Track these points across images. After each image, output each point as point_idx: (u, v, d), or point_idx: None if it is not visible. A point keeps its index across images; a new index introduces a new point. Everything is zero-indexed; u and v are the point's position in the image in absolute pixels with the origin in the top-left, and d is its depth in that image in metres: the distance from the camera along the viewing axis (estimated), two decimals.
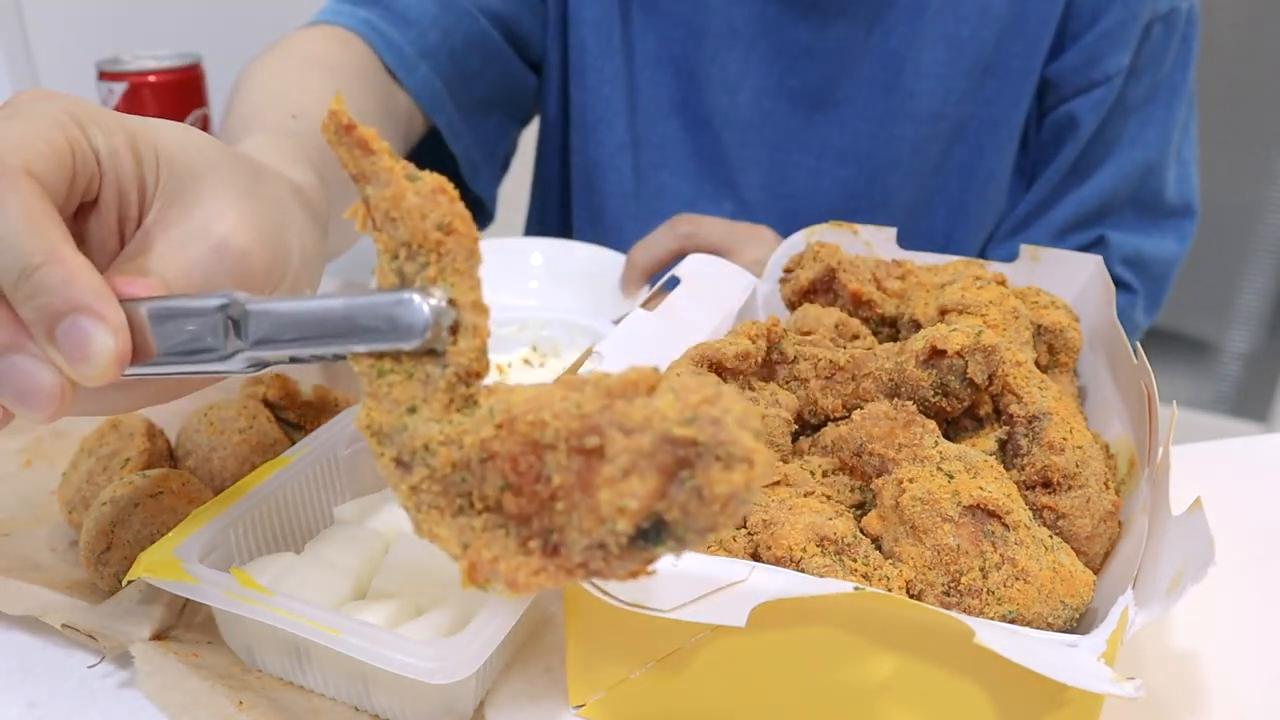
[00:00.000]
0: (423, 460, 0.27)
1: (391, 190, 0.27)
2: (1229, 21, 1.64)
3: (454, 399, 0.27)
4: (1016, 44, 0.77)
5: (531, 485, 0.25)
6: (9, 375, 0.29)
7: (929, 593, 0.37)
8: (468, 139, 0.81)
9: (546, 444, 0.25)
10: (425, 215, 0.27)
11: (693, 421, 0.23)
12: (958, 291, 0.50)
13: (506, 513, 0.26)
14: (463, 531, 0.27)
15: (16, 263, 0.28)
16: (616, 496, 0.23)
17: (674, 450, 0.23)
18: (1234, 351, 1.88)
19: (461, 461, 0.26)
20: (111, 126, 0.33)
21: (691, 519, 0.23)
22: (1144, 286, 0.83)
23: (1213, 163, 1.11)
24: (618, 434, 0.23)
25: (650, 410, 0.23)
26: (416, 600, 0.41)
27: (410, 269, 0.27)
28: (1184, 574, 0.31)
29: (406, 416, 0.27)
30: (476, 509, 0.26)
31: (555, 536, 0.25)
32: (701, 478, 0.23)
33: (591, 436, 0.24)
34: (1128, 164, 0.80)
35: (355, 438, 0.49)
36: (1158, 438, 0.41)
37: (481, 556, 0.26)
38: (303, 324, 0.28)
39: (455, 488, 0.27)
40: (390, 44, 0.72)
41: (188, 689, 0.38)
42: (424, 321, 0.27)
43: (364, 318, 0.27)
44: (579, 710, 0.39)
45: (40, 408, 0.29)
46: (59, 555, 0.48)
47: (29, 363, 0.29)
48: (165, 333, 0.30)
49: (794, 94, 0.81)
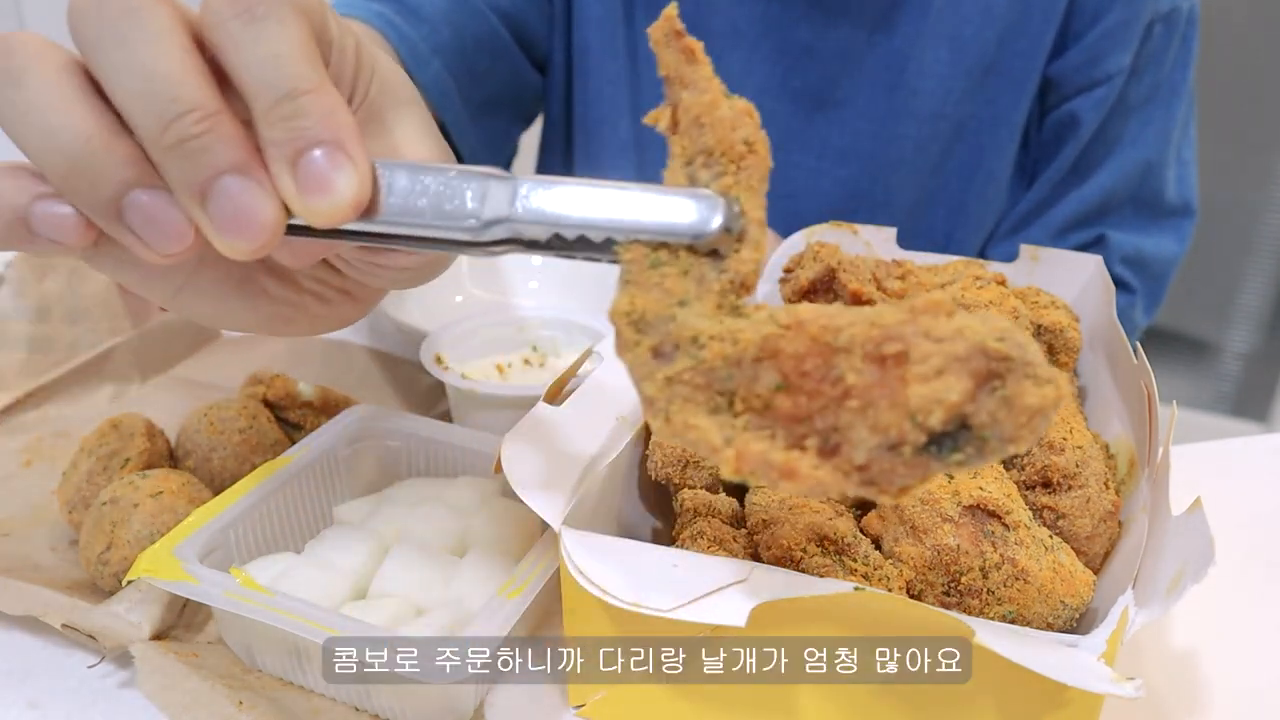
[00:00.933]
0: (688, 351, 0.27)
1: (709, 98, 0.28)
2: (1229, 21, 1.64)
3: (724, 304, 0.28)
4: (1019, 43, 0.77)
5: (817, 384, 0.25)
6: (229, 194, 0.28)
7: (929, 593, 0.37)
8: (473, 137, 0.81)
9: (840, 346, 0.25)
10: (735, 128, 0.28)
11: (1004, 339, 0.24)
12: (957, 291, 0.50)
13: (777, 413, 0.26)
14: (722, 427, 0.27)
15: (286, 83, 0.28)
16: (931, 391, 0.24)
17: (987, 361, 0.24)
18: (1234, 351, 1.87)
19: (734, 357, 0.26)
20: (346, 26, 0.33)
21: (998, 425, 0.24)
22: (1143, 286, 0.83)
23: (1213, 163, 1.11)
24: (925, 341, 0.24)
25: (960, 324, 0.24)
26: (416, 600, 0.41)
27: (705, 175, 0.28)
28: (1184, 574, 0.31)
29: (676, 308, 0.28)
30: (736, 410, 0.26)
31: (836, 437, 0.25)
32: (1013, 388, 0.23)
33: (892, 343, 0.24)
34: (1128, 163, 0.80)
35: (355, 438, 0.49)
36: (1158, 438, 0.41)
37: (750, 449, 0.26)
38: (585, 197, 0.28)
39: (718, 384, 0.27)
40: (404, 38, 0.72)
41: (188, 689, 0.38)
42: (721, 219, 0.27)
43: (658, 203, 0.28)
44: (579, 710, 0.39)
45: (250, 236, 0.28)
46: (59, 555, 0.48)
47: (253, 186, 0.28)
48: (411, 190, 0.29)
49: (796, 94, 0.81)
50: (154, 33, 0.27)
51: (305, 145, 0.28)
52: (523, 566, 0.39)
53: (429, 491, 0.47)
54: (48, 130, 0.28)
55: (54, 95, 0.28)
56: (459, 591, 0.41)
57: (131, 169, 0.28)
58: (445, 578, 0.42)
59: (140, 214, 0.28)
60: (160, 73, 0.27)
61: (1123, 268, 0.82)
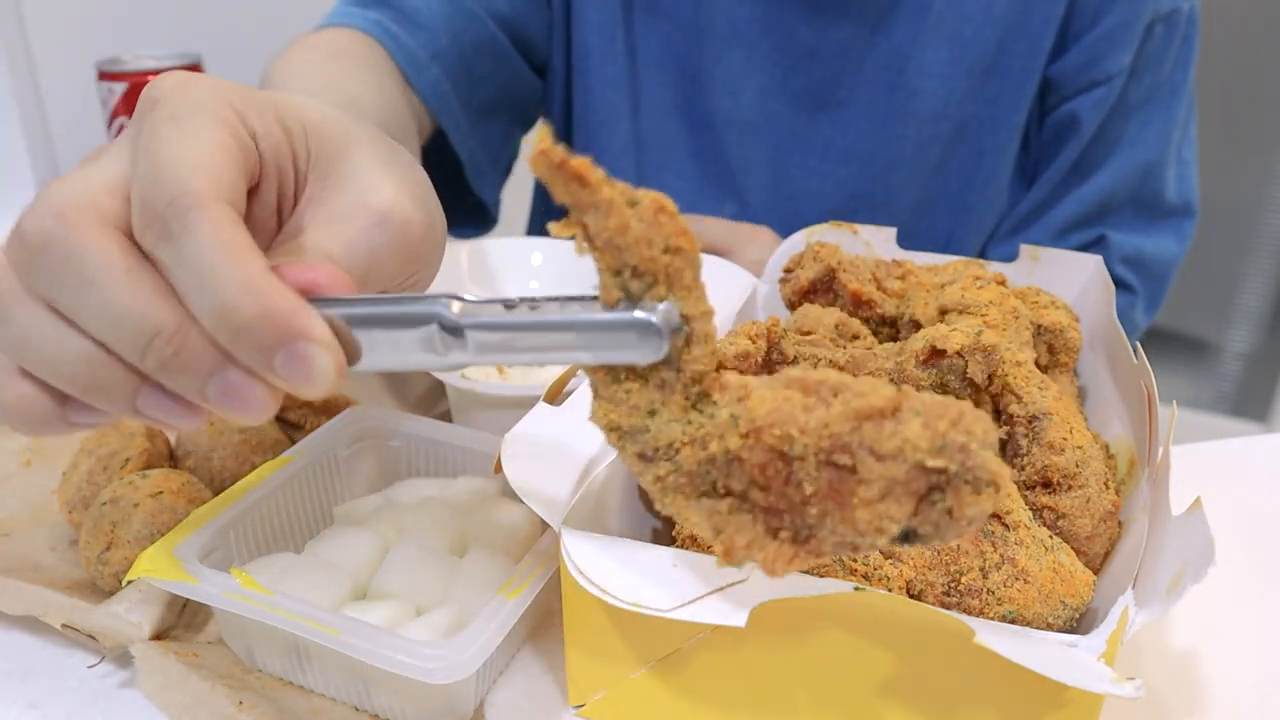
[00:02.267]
0: (666, 456, 0.29)
1: (615, 221, 0.27)
2: (1229, 21, 1.64)
3: (690, 397, 0.29)
4: (1019, 44, 0.77)
5: (781, 488, 0.27)
6: (222, 390, 0.28)
7: (929, 593, 0.37)
8: (473, 142, 0.81)
9: (795, 456, 0.26)
10: (651, 242, 0.27)
11: (943, 450, 0.25)
12: (958, 291, 0.50)
13: (753, 503, 0.28)
14: (711, 515, 0.28)
15: (217, 300, 0.27)
16: (875, 518, 0.26)
17: (927, 478, 0.25)
18: (1234, 351, 1.87)
19: (707, 459, 0.28)
20: (262, 105, 0.32)
21: (941, 532, 0.25)
22: (1144, 286, 0.83)
23: (1213, 163, 1.11)
24: (870, 459, 0.26)
25: (901, 439, 0.25)
26: (416, 600, 0.41)
27: (636, 287, 0.28)
28: (1184, 574, 0.31)
29: (647, 419, 0.29)
30: (720, 494, 0.28)
31: (806, 531, 0.27)
32: (953, 500, 0.25)
33: (842, 455, 0.26)
34: (1128, 164, 0.80)
35: (355, 438, 0.49)
36: (1158, 438, 0.41)
37: (735, 543, 0.28)
38: (531, 342, 0.29)
39: (701, 480, 0.28)
40: (402, 45, 0.72)
41: (188, 689, 0.38)
42: (664, 344, 0.28)
43: (601, 338, 0.28)
44: (579, 710, 0.39)
45: (253, 412, 0.29)
46: (59, 555, 0.48)
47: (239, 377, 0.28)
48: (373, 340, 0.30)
49: (796, 95, 0.81)
50: (97, 270, 0.27)
51: (268, 355, 0.28)
52: (523, 566, 0.39)
53: (429, 491, 0.47)
54: (46, 360, 0.29)
55: (43, 327, 0.28)
56: (459, 591, 0.41)
57: (134, 377, 0.29)
58: (445, 578, 0.42)
59: (155, 408, 0.30)
60: (116, 309, 0.27)
61: (1123, 268, 0.82)
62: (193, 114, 0.30)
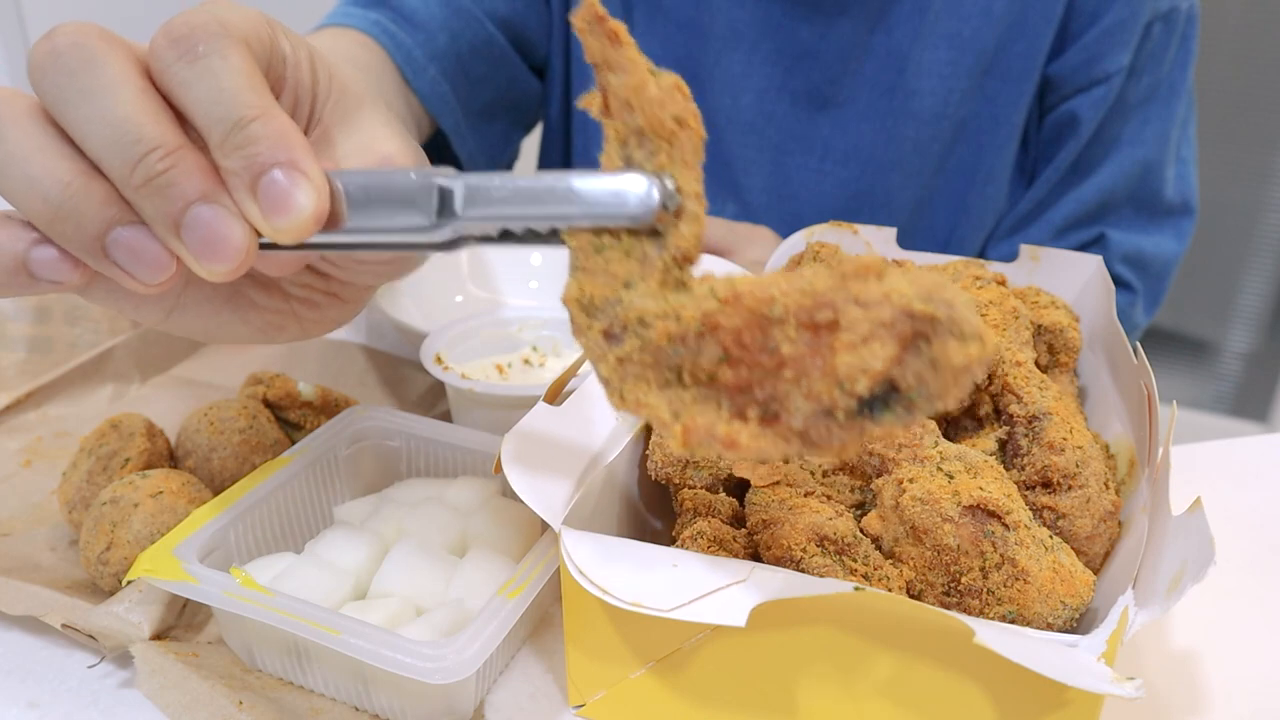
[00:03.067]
0: (635, 332, 0.28)
1: (635, 80, 0.28)
2: (1229, 21, 1.64)
3: (668, 280, 0.28)
4: (1018, 43, 0.77)
5: (755, 356, 0.26)
6: (200, 222, 0.29)
7: (929, 593, 0.37)
8: (473, 143, 0.81)
9: (775, 318, 0.26)
10: (663, 106, 0.28)
11: (930, 300, 0.24)
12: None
13: (721, 384, 0.27)
14: (671, 402, 0.28)
15: (233, 113, 0.29)
16: (857, 359, 0.25)
17: (912, 323, 0.24)
18: (1234, 351, 1.88)
19: (678, 334, 0.27)
20: (297, 40, 0.34)
21: (925, 386, 0.24)
22: (1143, 285, 0.83)
23: (1213, 163, 1.11)
24: (854, 308, 0.25)
25: (887, 288, 0.25)
26: (416, 600, 0.41)
27: (639, 155, 0.28)
28: (1184, 574, 0.31)
29: (622, 290, 0.29)
30: (685, 383, 0.28)
31: (775, 405, 0.26)
32: (938, 349, 0.24)
33: (824, 311, 0.25)
34: (1127, 163, 0.80)
35: (355, 438, 0.49)
36: (1158, 438, 0.41)
37: (696, 423, 0.27)
38: (524, 194, 0.29)
39: (666, 360, 0.28)
40: (400, 46, 0.72)
41: (188, 689, 0.38)
42: (656, 200, 0.28)
43: (593, 192, 0.28)
44: (579, 710, 0.39)
45: (224, 259, 0.30)
46: (59, 555, 0.48)
47: (221, 213, 0.29)
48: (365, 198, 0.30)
49: (796, 95, 0.81)
50: (111, 81, 0.29)
51: (261, 169, 0.29)
52: (523, 566, 0.39)
53: (429, 491, 0.47)
54: (28, 179, 0.29)
55: (30, 145, 0.29)
56: (459, 591, 0.41)
57: (110, 208, 0.30)
58: (445, 578, 0.42)
59: (124, 249, 0.30)
60: (121, 118, 0.29)
61: (1123, 267, 0.82)
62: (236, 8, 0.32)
